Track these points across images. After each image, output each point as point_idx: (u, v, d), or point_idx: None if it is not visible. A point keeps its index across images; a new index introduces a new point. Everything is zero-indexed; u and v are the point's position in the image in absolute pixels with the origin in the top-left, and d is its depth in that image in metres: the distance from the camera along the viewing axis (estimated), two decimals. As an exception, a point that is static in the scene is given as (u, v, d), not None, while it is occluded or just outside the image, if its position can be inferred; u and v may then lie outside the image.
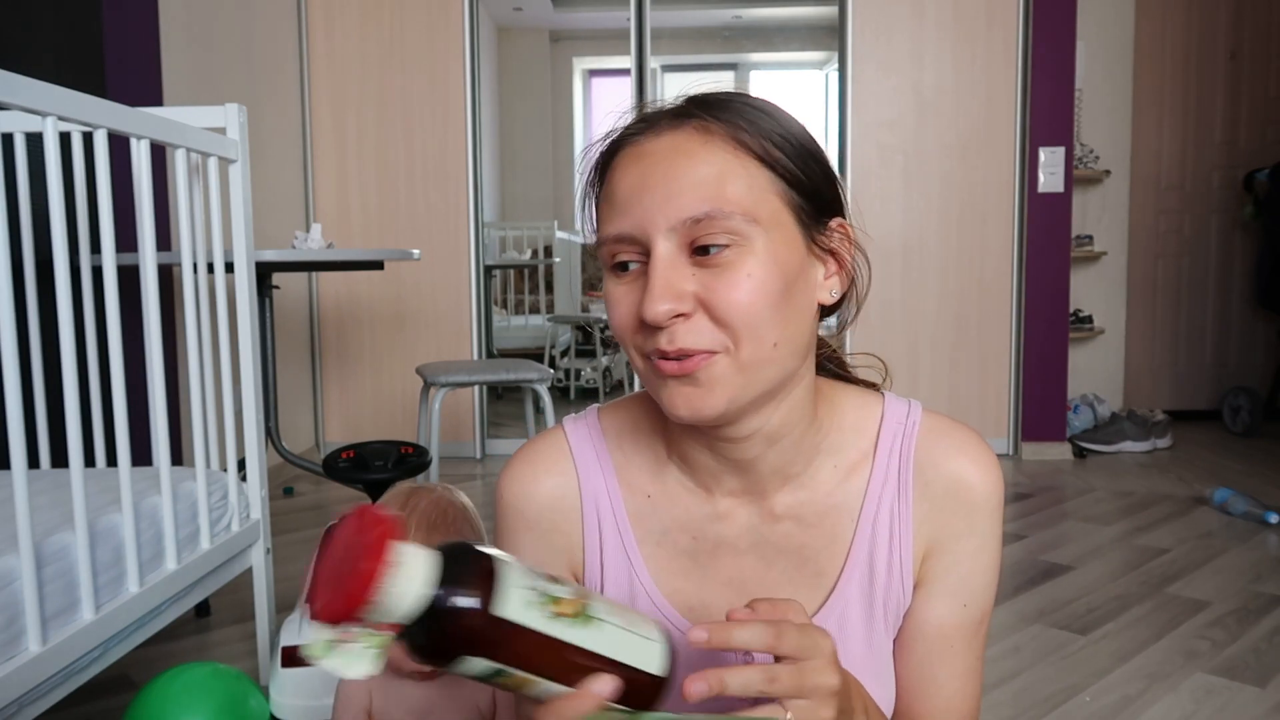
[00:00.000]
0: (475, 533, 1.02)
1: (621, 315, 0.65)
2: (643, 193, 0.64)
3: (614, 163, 0.67)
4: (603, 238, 0.66)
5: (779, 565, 0.74)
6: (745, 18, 6.56)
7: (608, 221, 0.66)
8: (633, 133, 0.67)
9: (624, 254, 0.65)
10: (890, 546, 0.73)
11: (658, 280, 0.62)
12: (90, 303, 1.65)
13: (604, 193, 0.67)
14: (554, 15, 6.13)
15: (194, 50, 2.94)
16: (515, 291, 5.80)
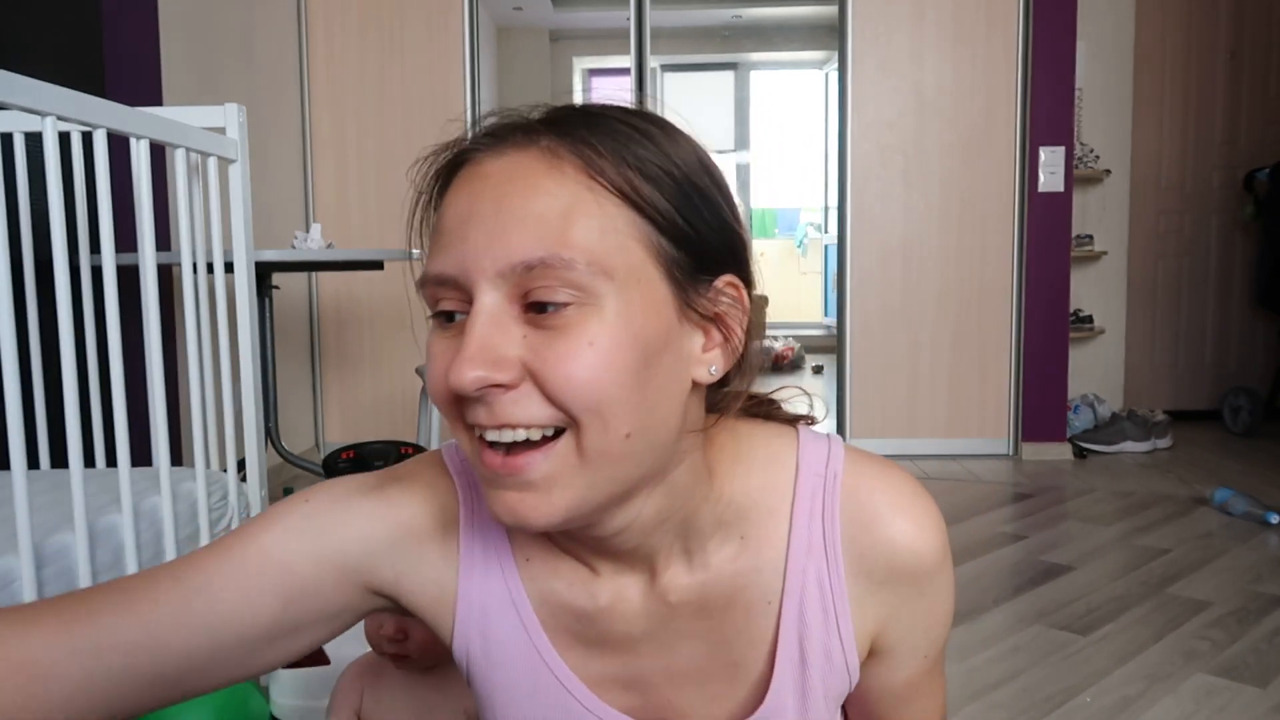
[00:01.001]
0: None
1: (437, 376, 0.52)
2: (469, 225, 0.51)
3: (452, 183, 0.54)
4: (422, 277, 0.53)
5: (688, 652, 0.63)
6: (745, 17, 6.56)
7: (431, 257, 0.53)
8: (476, 147, 0.54)
9: (447, 300, 0.52)
10: (826, 629, 0.62)
11: (473, 340, 0.49)
12: (90, 303, 1.65)
13: (436, 220, 0.54)
14: (554, 15, 6.13)
15: (194, 50, 2.94)
16: (515, 291, 5.80)
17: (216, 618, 0.57)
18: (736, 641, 0.63)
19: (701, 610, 0.62)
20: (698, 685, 0.64)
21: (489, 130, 0.55)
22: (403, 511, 0.62)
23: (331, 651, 1.38)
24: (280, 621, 0.59)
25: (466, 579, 0.62)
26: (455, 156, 0.55)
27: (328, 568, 0.60)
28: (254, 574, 0.58)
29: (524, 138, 0.53)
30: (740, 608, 0.62)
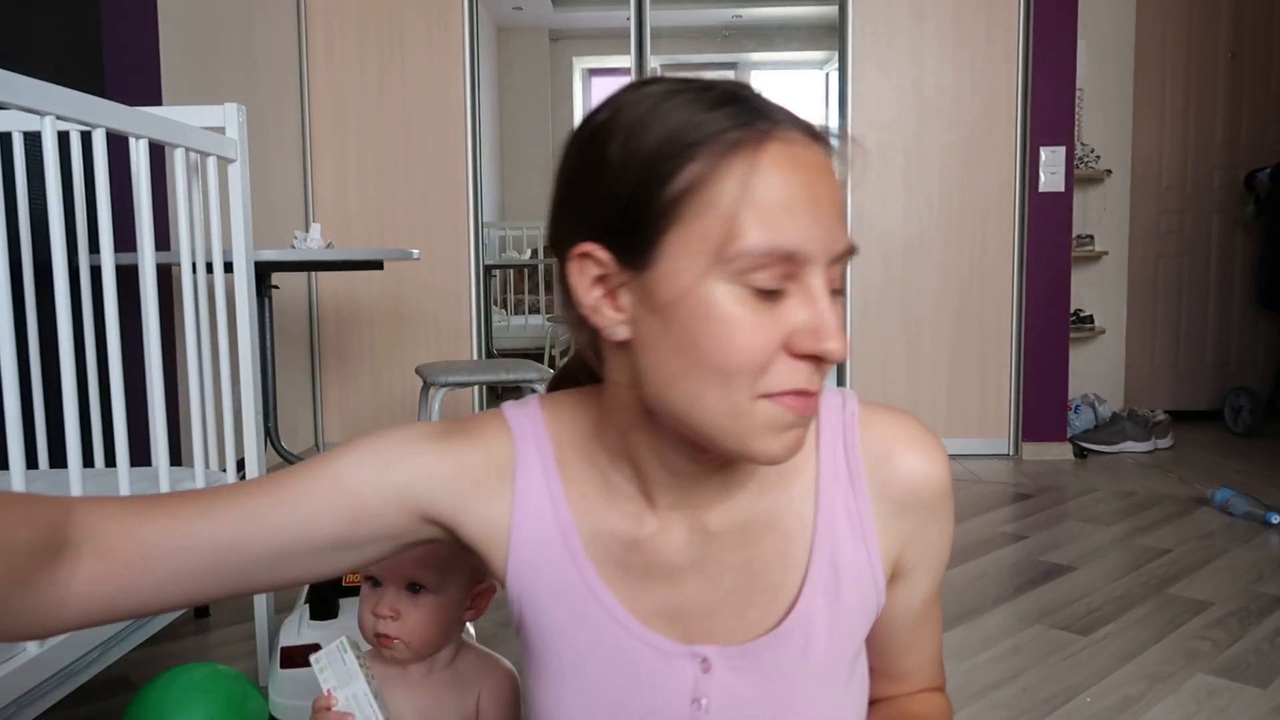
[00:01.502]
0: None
1: (747, 343, 0.56)
2: (812, 207, 0.56)
3: (763, 158, 0.56)
4: (748, 248, 0.55)
5: (725, 582, 0.69)
6: (745, 17, 6.56)
7: (765, 228, 0.55)
8: (779, 124, 0.58)
9: (767, 275, 0.56)
10: (856, 549, 0.69)
11: (836, 316, 0.57)
12: (89, 303, 1.65)
13: (734, 187, 0.56)
14: (554, 15, 6.12)
15: (193, 50, 2.94)
16: (515, 291, 5.80)
17: (292, 527, 0.66)
18: (773, 567, 0.69)
19: (741, 539, 0.69)
20: (735, 612, 0.69)
21: (787, 116, 0.59)
22: (464, 456, 0.69)
23: (331, 652, 1.38)
24: (346, 536, 0.67)
25: (521, 516, 0.69)
26: (743, 125, 0.57)
27: (390, 496, 0.67)
28: (326, 493, 0.66)
29: (807, 129, 0.59)
30: (778, 534, 0.69)
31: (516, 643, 0.77)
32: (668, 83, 0.60)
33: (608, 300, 0.61)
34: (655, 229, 0.57)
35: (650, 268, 0.58)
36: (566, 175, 0.63)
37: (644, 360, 0.60)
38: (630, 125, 0.58)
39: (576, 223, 0.61)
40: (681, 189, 0.56)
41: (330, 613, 1.42)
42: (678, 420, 0.61)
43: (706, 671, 0.69)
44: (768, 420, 0.58)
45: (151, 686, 1.33)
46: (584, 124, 0.62)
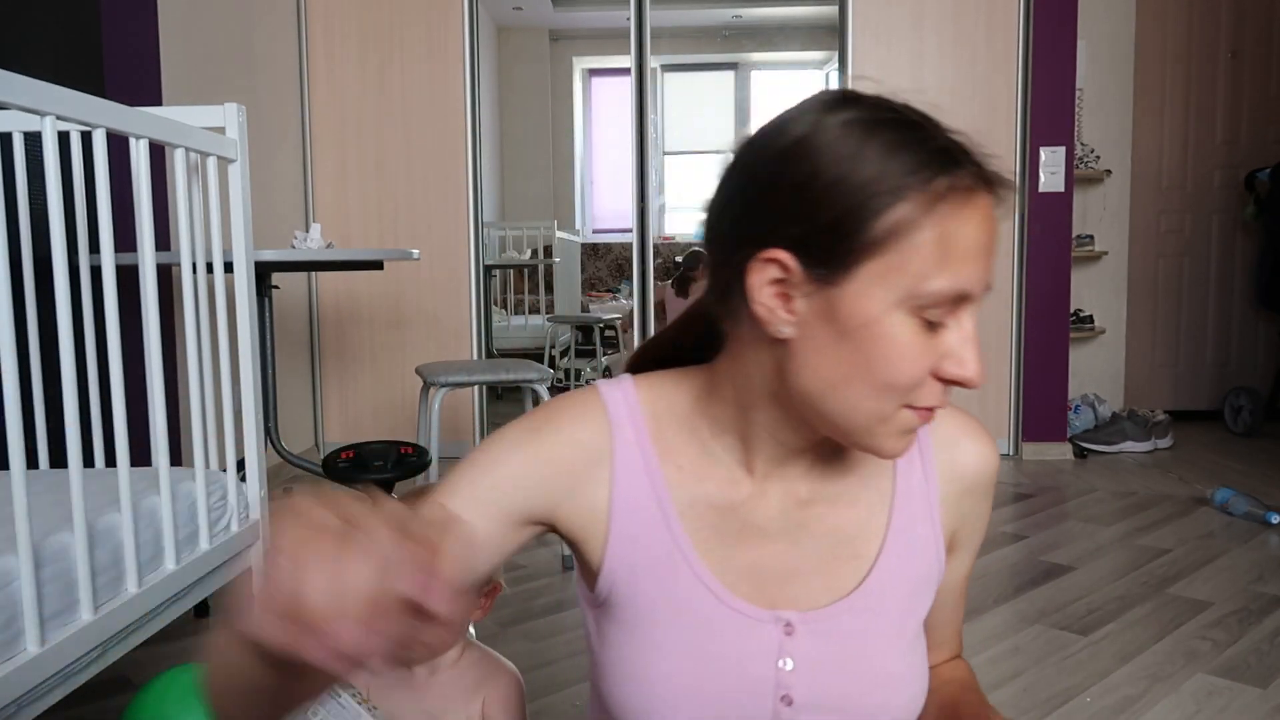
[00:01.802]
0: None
1: (912, 367, 0.63)
2: (986, 254, 0.63)
3: (969, 203, 0.62)
4: (937, 291, 0.61)
5: (810, 549, 0.75)
6: (745, 17, 6.56)
7: (950, 267, 0.61)
8: (978, 178, 0.63)
9: (940, 309, 0.62)
10: (924, 524, 0.77)
11: (978, 348, 0.64)
12: (89, 303, 1.65)
13: (935, 235, 0.61)
14: (554, 15, 6.13)
15: (193, 50, 2.94)
16: (515, 291, 5.80)
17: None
18: (855, 537, 0.75)
19: (829, 508, 0.75)
20: (816, 577, 0.75)
21: (980, 164, 0.64)
22: (556, 452, 0.72)
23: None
24: (469, 572, 0.71)
25: (620, 496, 0.72)
26: (951, 170, 0.62)
27: (495, 523, 0.71)
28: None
29: (992, 178, 0.64)
30: (861, 506, 0.76)
31: (518, 643, 0.78)
32: (869, 108, 0.65)
33: (781, 301, 0.65)
34: (855, 256, 0.61)
35: (838, 286, 0.62)
36: (758, 180, 0.66)
37: (803, 361, 0.65)
38: (843, 152, 0.62)
39: (767, 228, 0.64)
40: (889, 226, 0.60)
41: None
42: (820, 414, 0.67)
43: (789, 635, 0.73)
44: (901, 426, 0.66)
45: (151, 686, 1.33)
46: (777, 132, 0.65)
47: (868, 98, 0.66)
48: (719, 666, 0.72)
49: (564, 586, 2.27)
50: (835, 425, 0.67)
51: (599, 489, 0.73)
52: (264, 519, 1.78)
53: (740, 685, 0.72)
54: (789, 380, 0.67)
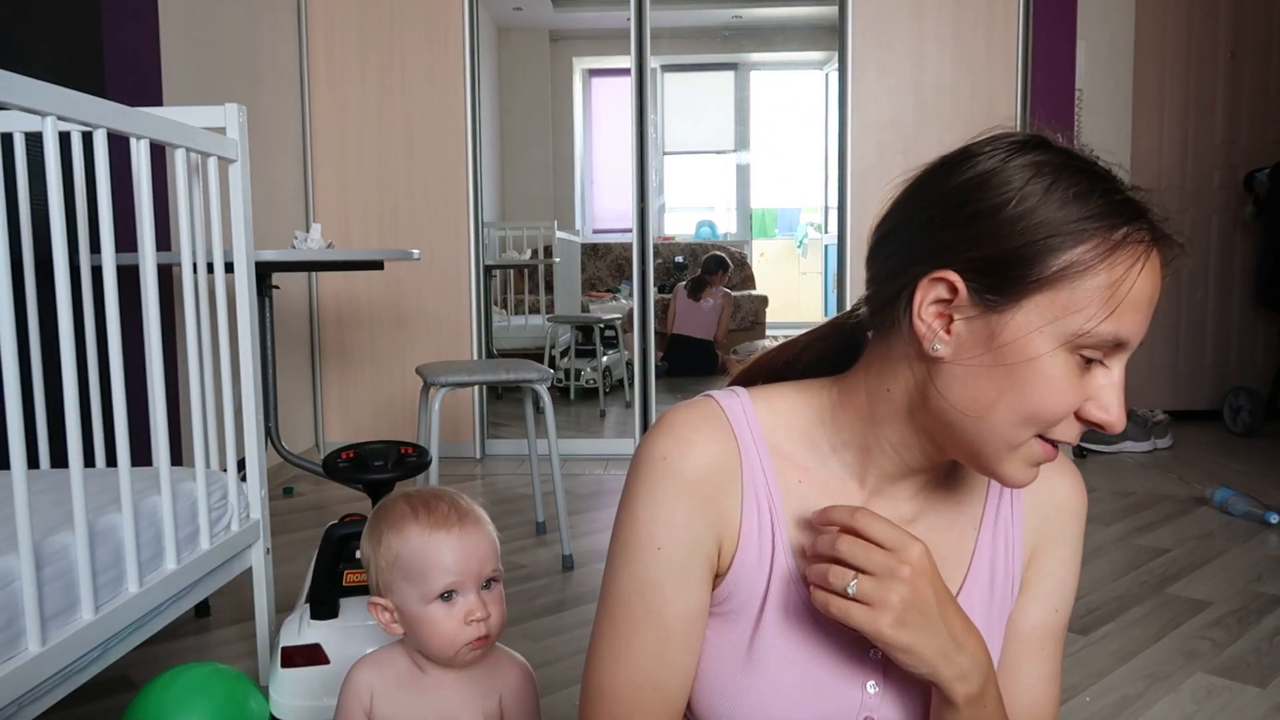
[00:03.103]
0: (472, 501, 1.01)
1: (1060, 401, 0.66)
2: (1147, 307, 0.65)
3: (1135, 254, 0.64)
4: (1102, 335, 0.64)
5: None
6: (745, 17, 6.56)
7: (1107, 313, 0.63)
8: (1154, 233, 0.65)
9: (1098, 351, 0.65)
10: (1006, 551, 0.79)
11: (1123, 396, 0.68)
12: (90, 303, 1.65)
13: (1107, 281, 0.63)
14: (554, 15, 6.13)
15: (194, 50, 2.94)
16: (515, 291, 5.80)
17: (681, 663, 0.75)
18: (947, 558, 0.76)
19: (928, 529, 0.76)
20: None
21: (1154, 220, 0.66)
22: (706, 489, 0.72)
23: (331, 651, 1.38)
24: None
25: (748, 507, 0.73)
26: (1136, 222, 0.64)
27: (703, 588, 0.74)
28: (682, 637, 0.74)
29: (1164, 235, 0.66)
30: (955, 530, 0.78)
31: (518, 643, 0.78)
32: (1058, 153, 0.66)
33: (941, 321, 0.67)
34: (1027, 289, 0.64)
35: (1003, 314, 0.65)
36: (939, 204, 0.69)
37: (950, 381, 0.68)
38: (1030, 188, 0.64)
39: (942, 249, 0.67)
40: (1065, 265, 0.63)
41: (331, 613, 1.42)
42: (954, 434, 0.69)
43: (874, 659, 0.74)
44: (1031, 456, 0.68)
45: (151, 686, 1.34)
46: (963, 163, 0.69)
47: (1056, 144, 0.68)
48: (814, 687, 0.74)
49: (564, 586, 2.28)
50: (967, 447, 0.68)
51: (732, 502, 0.73)
52: (264, 519, 1.78)
53: (830, 705, 0.74)
54: (930, 399, 0.69)
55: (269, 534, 1.80)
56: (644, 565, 0.72)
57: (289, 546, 2.54)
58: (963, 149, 0.70)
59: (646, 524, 0.72)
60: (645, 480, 0.72)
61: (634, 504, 0.73)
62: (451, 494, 1.00)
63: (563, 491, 2.44)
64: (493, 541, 0.98)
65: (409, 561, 0.95)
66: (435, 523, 0.96)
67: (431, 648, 0.96)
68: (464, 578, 0.95)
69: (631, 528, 0.72)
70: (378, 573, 0.98)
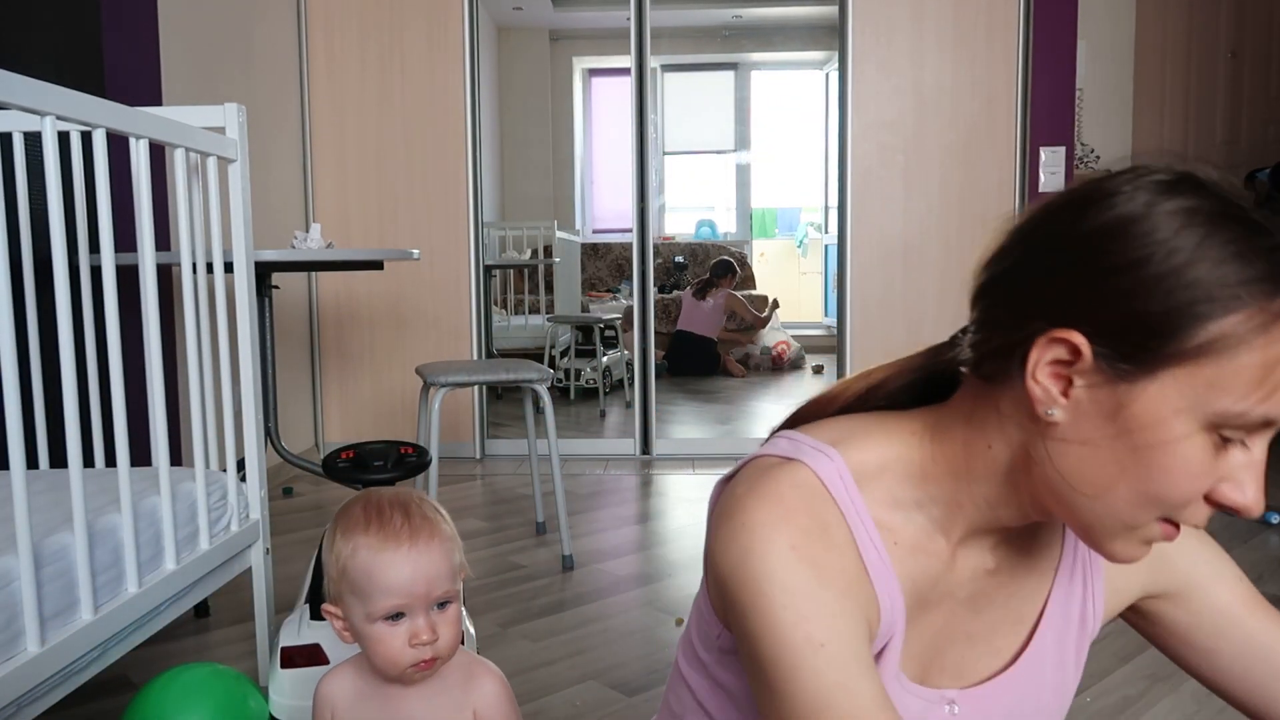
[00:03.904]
0: (438, 510, 0.96)
1: (1191, 485, 0.58)
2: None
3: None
4: (1247, 417, 0.56)
5: (986, 614, 0.72)
6: (745, 17, 6.56)
7: (1261, 401, 0.55)
8: None
9: (1239, 432, 0.57)
10: (1084, 587, 0.75)
11: (1262, 477, 0.58)
12: (89, 303, 1.65)
13: (1262, 358, 0.55)
14: (554, 15, 6.13)
15: (193, 50, 2.94)
16: (515, 291, 5.80)
17: None
18: (1025, 603, 0.73)
19: (1009, 577, 0.73)
20: (982, 645, 0.73)
21: None
22: (844, 571, 0.64)
23: (331, 652, 1.38)
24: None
25: (879, 586, 0.66)
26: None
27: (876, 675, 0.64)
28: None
29: None
30: (1036, 574, 0.74)
31: (518, 643, 0.77)
32: (1212, 199, 0.57)
33: (1058, 383, 0.60)
34: (1166, 360, 0.56)
35: (1133, 385, 0.57)
36: (1067, 250, 0.60)
37: (1065, 451, 0.61)
38: (1179, 244, 0.55)
39: (1067, 305, 0.59)
40: (1212, 338, 0.55)
41: (330, 613, 1.42)
42: (1062, 505, 0.62)
43: (954, 715, 0.71)
44: (1148, 536, 0.61)
45: (151, 686, 1.33)
46: (1100, 204, 0.59)
47: (1210, 185, 0.58)
48: None
49: (564, 586, 2.28)
50: (1077, 520, 0.62)
51: (864, 580, 0.65)
52: (263, 519, 1.78)
53: None
54: (1037, 464, 0.62)
55: (269, 534, 1.80)
56: (814, 671, 0.60)
57: (289, 547, 2.54)
58: (1097, 184, 0.60)
59: (797, 624, 0.60)
60: (775, 578, 0.61)
61: (770, 607, 0.61)
62: (412, 503, 0.94)
63: (563, 491, 2.44)
64: (448, 559, 0.92)
65: (354, 578, 0.90)
66: (385, 538, 0.90)
67: (376, 665, 0.92)
68: (411, 600, 0.89)
69: (778, 636, 0.60)
70: (329, 579, 0.93)
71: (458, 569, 0.94)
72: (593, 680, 1.75)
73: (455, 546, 0.94)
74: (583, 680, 1.75)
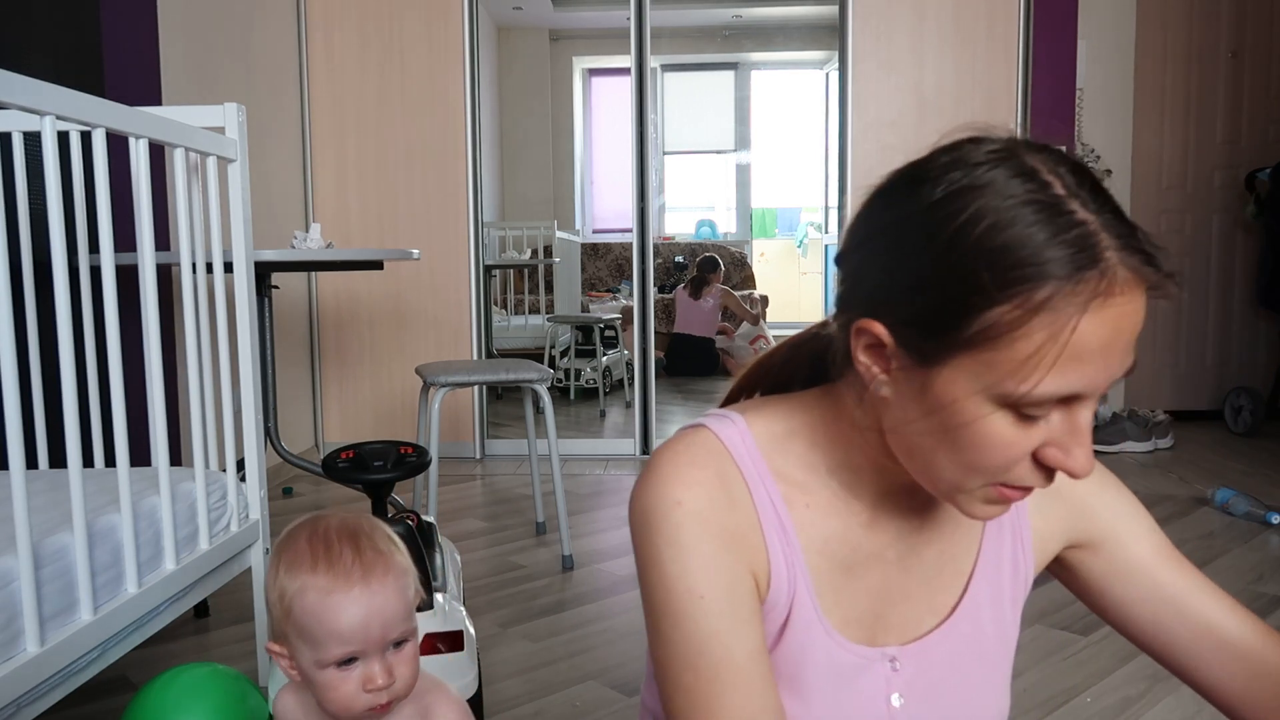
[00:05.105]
0: (391, 540, 0.89)
1: (1001, 456, 0.60)
2: (1112, 352, 0.57)
3: (1088, 305, 0.55)
4: (1037, 395, 0.56)
5: (917, 572, 0.74)
6: (745, 17, 6.56)
7: (1051, 377, 0.56)
8: (1120, 263, 0.56)
9: (1040, 406, 0.58)
10: (1012, 538, 0.76)
11: (1088, 441, 0.60)
12: (89, 303, 1.65)
13: (1046, 336, 0.55)
14: (554, 15, 6.12)
15: (193, 50, 2.93)
16: (515, 291, 5.80)
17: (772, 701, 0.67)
18: (956, 556, 0.75)
19: (936, 532, 0.74)
20: (919, 601, 0.74)
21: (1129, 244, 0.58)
22: (728, 524, 0.67)
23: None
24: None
25: (770, 540, 0.69)
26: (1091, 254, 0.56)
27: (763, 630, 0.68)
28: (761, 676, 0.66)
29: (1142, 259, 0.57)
30: (964, 527, 0.76)
31: (518, 643, 0.77)
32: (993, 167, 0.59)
33: (877, 361, 0.63)
34: (949, 347, 0.58)
35: (929, 368, 0.60)
36: (874, 236, 0.63)
37: (895, 420, 0.64)
38: (949, 234, 0.57)
39: (871, 294, 0.62)
40: (985, 326, 0.56)
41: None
42: (913, 469, 0.66)
43: (896, 671, 0.72)
44: (985, 497, 0.63)
45: (151, 686, 1.33)
46: (902, 190, 0.62)
47: (997, 150, 0.61)
48: (839, 711, 0.71)
49: (564, 586, 2.27)
50: (926, 484, 0.66)
51: (755, 534, 0.69)
52: (263, 519, 1.78)
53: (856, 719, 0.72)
54: (886, 434, 0.66)
55: (268, 534, 1.79)
56: (693, 620, 0.65)
57: (289, 547, 2.53)
58: (915, 166, 0.62)
59: (680, 577, 0.65)
60: (663, 531, 0.66)
61: (658, 560, 0.66)
62: (361, 534, 0.86)
63: (562, 492, 2.44)
64: (403, 596, 0.85)
65: (301, 621, 0.82)
66: (334, 579, 0.82)
67: (326, 711, 0.86)
68: (365, 646, 0.83)
69: (665, 586, 0.66)
70: (272, 618, 0.86)
71: (413, 603, 0.87)
72: (593, 680, 1.75)
73: (410, 579, 0.87)
74: (583, 680, 1.75)
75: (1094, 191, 0.61)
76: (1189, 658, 0.79)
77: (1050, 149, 0.64)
